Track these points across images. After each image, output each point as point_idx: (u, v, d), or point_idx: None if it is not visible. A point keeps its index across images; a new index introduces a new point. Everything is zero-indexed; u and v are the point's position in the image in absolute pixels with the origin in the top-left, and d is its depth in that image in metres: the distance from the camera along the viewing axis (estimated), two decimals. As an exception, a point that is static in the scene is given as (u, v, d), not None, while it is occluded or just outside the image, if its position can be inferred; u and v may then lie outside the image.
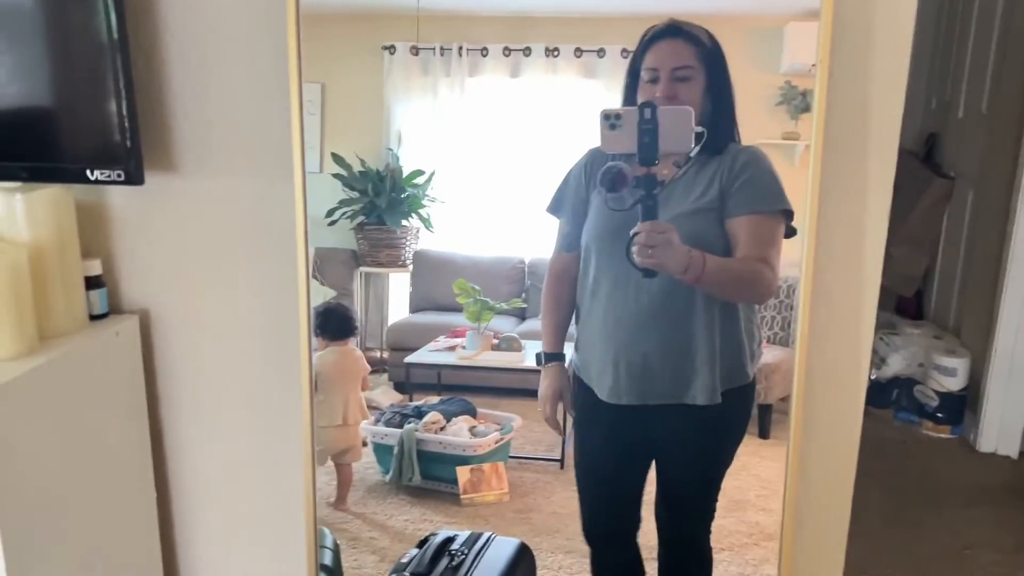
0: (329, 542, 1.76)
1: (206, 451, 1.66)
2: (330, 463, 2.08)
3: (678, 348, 1.45)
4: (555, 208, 1.59)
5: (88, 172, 1.39)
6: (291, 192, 1.44)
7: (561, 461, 2.10)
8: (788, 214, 1.42)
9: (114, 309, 1.57)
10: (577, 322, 1.58)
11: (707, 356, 1.44)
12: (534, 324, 2.12)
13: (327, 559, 1.71)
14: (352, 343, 2.12)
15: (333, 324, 2.04)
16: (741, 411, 1.55)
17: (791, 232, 1.43)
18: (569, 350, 1.63)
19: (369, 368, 2.17)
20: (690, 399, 1.46)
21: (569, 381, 1.63)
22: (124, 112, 1.37)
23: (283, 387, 1.58)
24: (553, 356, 1.63)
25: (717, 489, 1.58)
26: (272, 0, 1.39)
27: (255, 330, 1.59)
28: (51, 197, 1.40)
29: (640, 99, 1.39)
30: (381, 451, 2.15)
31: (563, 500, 1.99)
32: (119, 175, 1.39)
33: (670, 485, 1.59)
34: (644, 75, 1.40)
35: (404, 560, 1.69)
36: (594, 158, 1.51)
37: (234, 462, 1.66)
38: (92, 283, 1.49)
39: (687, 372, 1.45)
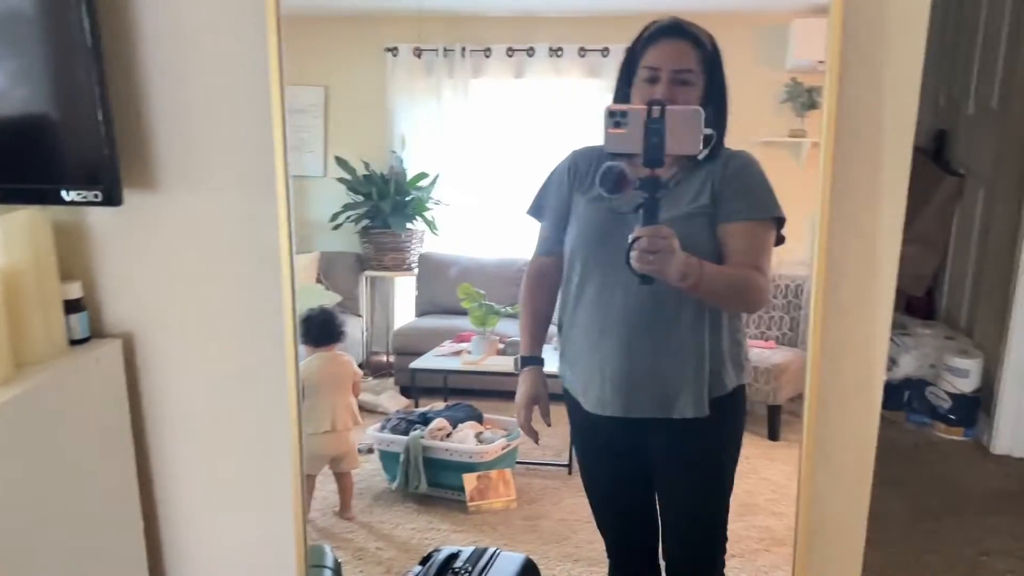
0: (329, 561, 1.73)
1: (193, 473, 1.63)
2: (329, 471, 2.06)
3: (665, 357, 1.40)
4: (536, 211, 1.54)
5: (65, 193, 1.35)
6: (275, 206, 1.39)
7: (569, 466, 2.08)
8: (779, 222, 1.38)
9: (97, 333, 1.53)
10: (560, 331, 1.52)
11: (695, 366, 1.39)
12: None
13: (327, 579, 1.69)
14: (339, 348, 2.09)
15: (316, 330, 2.02)
16: (731, 423, 1.49)
17: (779, 240, 1.39)
18: (549, 354, 1.58)
19: (360, 373, 2.15)
20: (677, 412, 1.41)
21: (546, 386, 1.57)
22: (101, 130, 1.33)
23: (271, 406, 1.54)
24: (530, 360, 1.57)
25: (719, 514, 1.51)
26: (254, 7, 1.35)
27: (241, 348, 1.55)
28: (26, 220, 1.36)
29: (635, 99, 1.34)
30: (387, 458, 2.13)
31: (571, 506, 1.97)
32: (96, 195, 1.35)
33: (668, 507, 1.53)
34: (642, 73, 1.34)
35: (407, 578, 1.68)
36: (577, 160, 1.46)
37: (222, 483, 1.63)
38: (72, 307, 1.46)
39: (674, 383, 1.40)
